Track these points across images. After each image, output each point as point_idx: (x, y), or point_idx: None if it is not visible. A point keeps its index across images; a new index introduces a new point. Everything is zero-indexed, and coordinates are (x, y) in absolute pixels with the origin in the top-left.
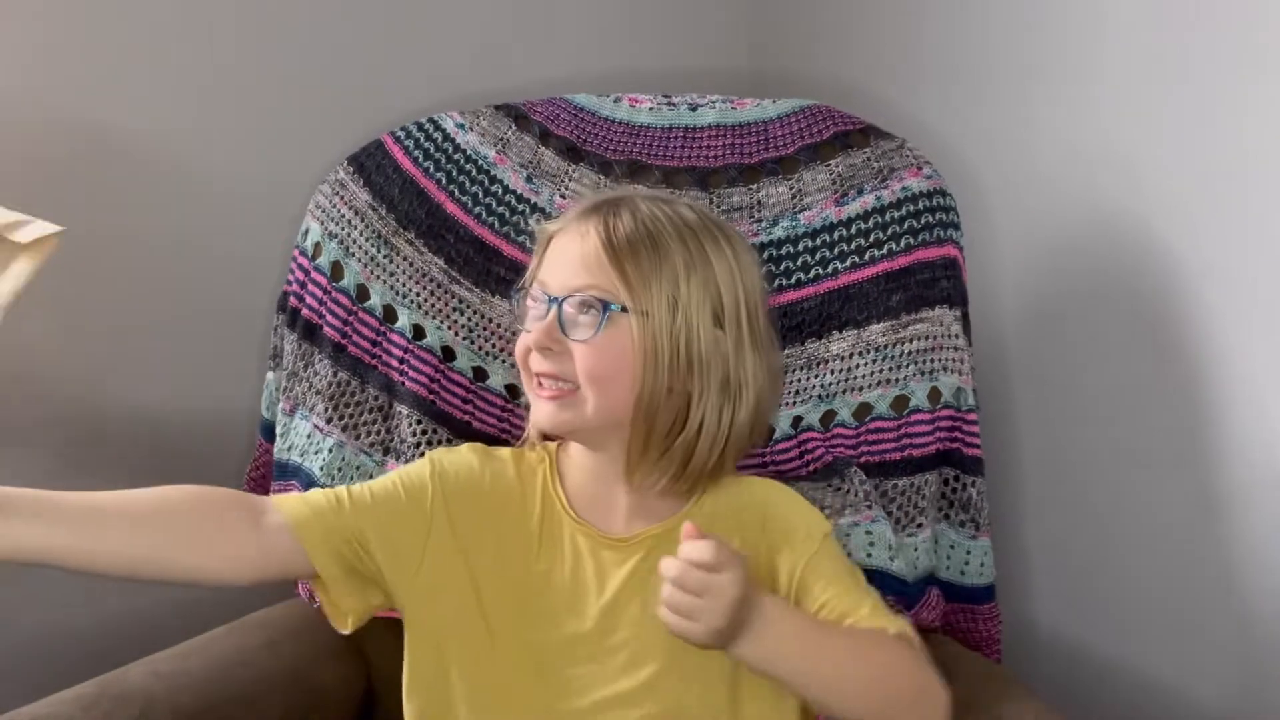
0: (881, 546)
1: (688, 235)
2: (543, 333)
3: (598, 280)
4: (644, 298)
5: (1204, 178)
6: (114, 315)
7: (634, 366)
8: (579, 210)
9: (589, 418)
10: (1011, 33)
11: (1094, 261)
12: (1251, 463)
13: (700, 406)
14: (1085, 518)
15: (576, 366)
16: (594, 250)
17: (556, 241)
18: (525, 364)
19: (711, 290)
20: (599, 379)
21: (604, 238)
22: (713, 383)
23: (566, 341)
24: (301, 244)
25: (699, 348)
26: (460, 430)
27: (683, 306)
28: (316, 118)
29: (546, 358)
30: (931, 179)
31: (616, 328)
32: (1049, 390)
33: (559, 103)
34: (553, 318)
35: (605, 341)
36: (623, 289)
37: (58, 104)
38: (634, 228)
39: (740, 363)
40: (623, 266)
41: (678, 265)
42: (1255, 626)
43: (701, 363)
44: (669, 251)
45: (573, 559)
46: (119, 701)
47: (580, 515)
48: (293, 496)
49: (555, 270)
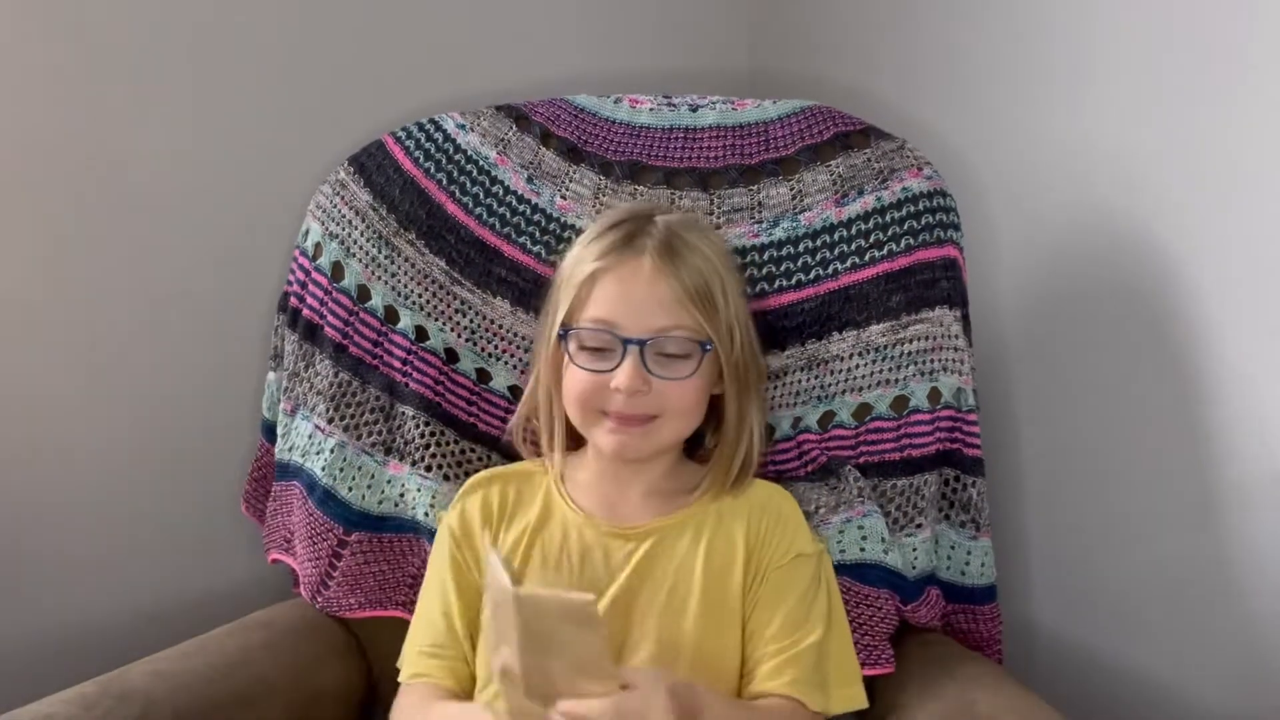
0: (874, 540)
1: (724, 257)
2: (635, 378)
3: (680, 320)
4: (717, 326)
5: (1203, 178)
6: (114, 315)
7: (708, 392)
8: (615, 240)
9: (666, 445)
10: (1011, 33)
11: (1094, 262)
12: (1251, 463)
13: (748, 411)
14: (1085, 518)
15: (659, 402)
16: (670, 292)
17: (608, 280)
18: (589, 402)
19: (740, 293)
20: (686, 411)
21: (669, 272)
22: (753, 388)
23: (654, 381)
24: (302, 244)
25: (747, 352)
26: (466, 432)
27: (740, 327)
28: (317, 118)
29: (634, 399)
30: (932, 179)
31: (703, 364)
32: (1049, 390)
33: (560, 103)
34: (636, 362)
35: (696, 376)
36: (706, 325)
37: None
38: (683, 251)
39: (759, 354)
40: (702, 305)
41: (729, 289)
42: (1255, 626)
43: (751, 367)
44: (722, 278)
45: (580, 551)
46: (119, 701)
47: (588, 511)
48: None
49: (620, 312)
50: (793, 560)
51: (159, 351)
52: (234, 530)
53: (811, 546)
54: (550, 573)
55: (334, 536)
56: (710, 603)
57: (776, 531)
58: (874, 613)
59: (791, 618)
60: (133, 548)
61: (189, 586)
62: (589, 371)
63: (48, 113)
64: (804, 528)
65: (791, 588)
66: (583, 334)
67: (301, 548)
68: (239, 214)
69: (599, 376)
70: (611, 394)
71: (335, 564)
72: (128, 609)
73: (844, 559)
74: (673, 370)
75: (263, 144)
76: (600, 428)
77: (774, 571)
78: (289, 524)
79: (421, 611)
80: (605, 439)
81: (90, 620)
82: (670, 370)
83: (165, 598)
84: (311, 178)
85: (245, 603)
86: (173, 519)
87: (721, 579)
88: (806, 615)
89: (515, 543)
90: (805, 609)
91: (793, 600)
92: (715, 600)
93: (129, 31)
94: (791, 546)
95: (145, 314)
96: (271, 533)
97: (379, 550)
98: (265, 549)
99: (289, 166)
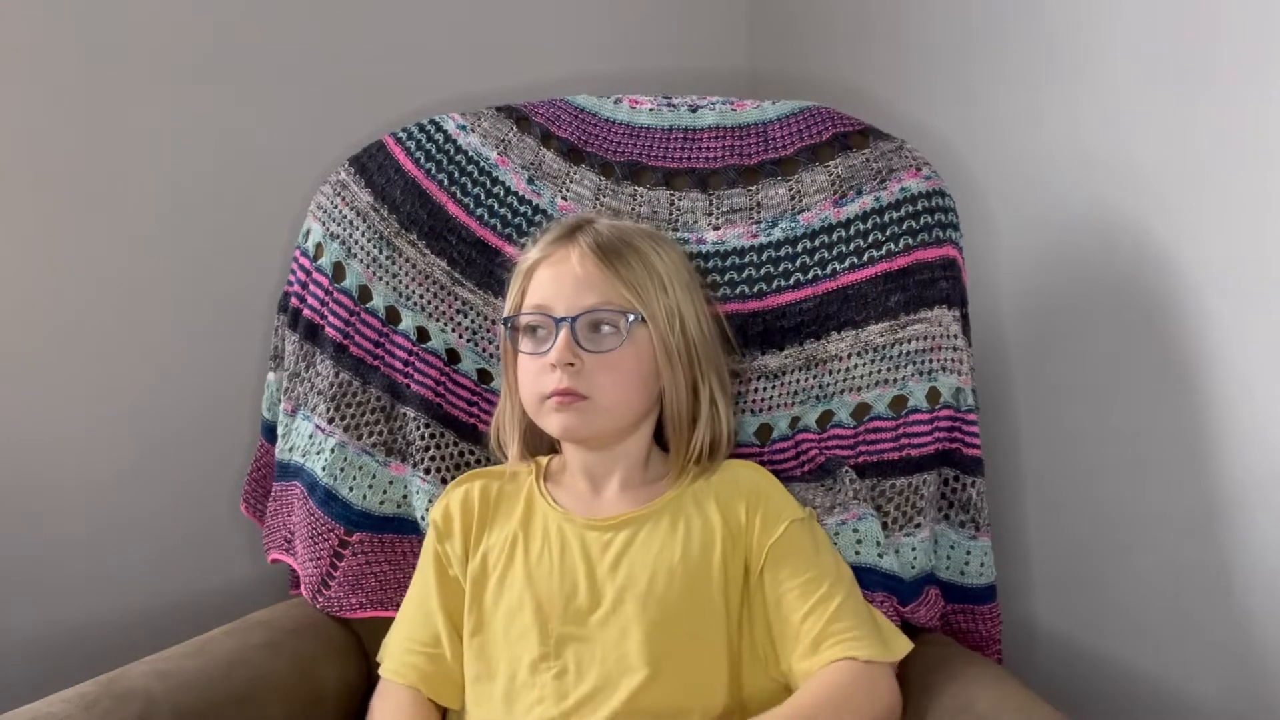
0: (869, 544)
1: (653, 241)
2: (564, 351)
3: (606, 296)
4: (649, 303)
5: (1203, 178)
6: (114, 315)
7: (646, 369)
8: (549, 240)
9: (611, 424)
10: (1011, 33)
11: (1093, 262)
12: (1250, 462)
13: (706, 393)
14: (1085, 518)
15: (594, 379)
16: (593, 270)
17: (543, 270)
18: (534, 386)
19: (687, 287)
20: (619, 385)
21: (598, 256)
22: (710, 371)
23: (585, 356)
24: (303, 244)
25: (697, 340)
26: (467, 433)
27: (679, 305)
28: (318, 118)
29: (568, 375)
30: (930, 180)
31: (630, 336)
32: (1049, 390)
33: (560, 104)
34: (567, 336)
35: (624, 350)
36: (632, 299)
37: (58, 104)
38: (616, 242)
39: (719, 351)
40: (624, 278)
41: (659, 269)
42: (1255, 626)
43: (701, 354)
44: (649, 257)
45: (560, 545)
46: (120, 700)
47: (566, 507)
48: (438, 677)
49: (552, 294)
50: (787, 528)
51: (159, 351)
52: (234, 530)
53: (800, 511)
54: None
55: (335, 537)
56: (693, 585)
57: (760, 508)
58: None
59: (810, 584)
60: (133, 548)
61: (189, 587)
62: (529, 355)
63: (48, 113)
64: (786, 495)
65: (798, 554)
66: (521, 320)
67: (302, 548)
68: (239, 214)
69: (539, 359)
70: (550, 374)
71: (336, 564)
72: (128, 609)
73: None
74: (603, 344)
75: (263, 144)
76: (547, 411)
77: (774, 546)
78: (289, 524)
79: (405, 604)
80: (552, 421)
81: (90, 620)
82: (601, 344)
83: (165, 598)
84: (312, 178)
85: (245, 603)
86: (173, 519)
87: (702, 560)
88: (822, 575)
89: (500, 541)
90: (819, 571)
91: (803, 566)
92: (699, 583)
93: (130, 32)
94: (780, 516)
95: (145, 314)
96: (271, 533)
97: (380, 550)
98: (265, 549)
99: (290, 167)
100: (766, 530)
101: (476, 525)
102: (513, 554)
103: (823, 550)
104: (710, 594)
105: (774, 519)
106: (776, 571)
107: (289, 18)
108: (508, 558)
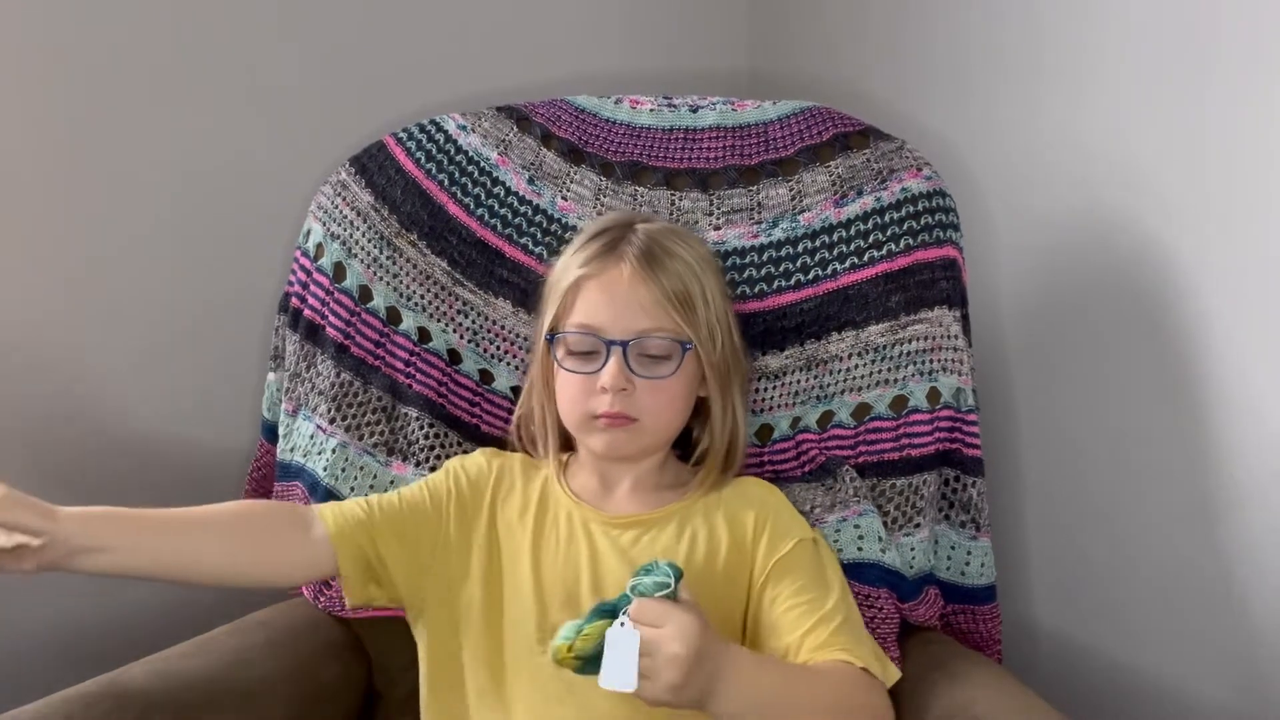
0: (871, 539)
1: (705, 261)
2: (619, 377)
3: (661, 323)
4: (698, 327)
5: (1203, 178)
6: (114, 316)
7: (691, 390)
8: (598, 249)
9: (654, 444)
10: (1011, 33)
11: (1093, 262)
12: (1250, 462)
13: (729, 408)
14: (1085, 518)
15: (643, 402)
16: (643, 290)
17: (591, 288)
18: (579, 404)
19: (724, 296)
20: (667, 408)
21: (647, 274)
22: (736, 386)
23: (637, 381)
24: (303, 245)
25: (730, 353)
26: (470, 433)
27: (722, 328)
28: (318, 118)
29: (619, 398)
30: (931, 180)
31: (683, 363)
32: (1049, 390)
33: (560, 104)
34: (619, 361)
35: (677, 375)
36: (682, 322)
37: (59, 104)
38: (663, 256)
39: (743, 357)
40: (681, 308)
41: (710, 292)
42: (1255, 626)
43: (733, 365)
44: (693, 269)
45: (568, 539)
46: (120, 701)
47: (579, 498)
48: (331, 508)
49: (605, 317)
50: (794, 547)
51: (159, 351)
52: None
53: (809, 531)
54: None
55: None
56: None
57: (768, 523)
58: (875, 612)
59: (813, 603)
60: None
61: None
62: (577, 374)
63: (49, 113)
64: (795, 514)
65: (802, 571)
66: (569, 338)
67: None
68: (240, 214)
69: (587, 379)
70: (599, 395)
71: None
72: (128, 609)
73: (841, 558)
74: (655, 370)
75: (264, 144)
76: (591, 429)
77: (778, 563)
78: None
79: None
80: (596, 440)
81: (90, 620)
82: (652, 370)
83: (165, 598)
84: (312, 178)
85: (245, 603)
86: None
87: (706, 569)
88: (825, 596)
89: (513, 517)
90: (822, 592)
91: (808, 585)
92: (701, 590)
93: (130, 32)
94: (788, 534)
95: (145, 313)
96: None
97: None
98: None
99: (290, 167)
100: (773, 546)
101: (504, 499)
102: (523, 535)
103: (828, 572)
104: (711, 602)
105: (781, 536)
106: (778, 588)
107: (289, 18)
108: (519, 538)
